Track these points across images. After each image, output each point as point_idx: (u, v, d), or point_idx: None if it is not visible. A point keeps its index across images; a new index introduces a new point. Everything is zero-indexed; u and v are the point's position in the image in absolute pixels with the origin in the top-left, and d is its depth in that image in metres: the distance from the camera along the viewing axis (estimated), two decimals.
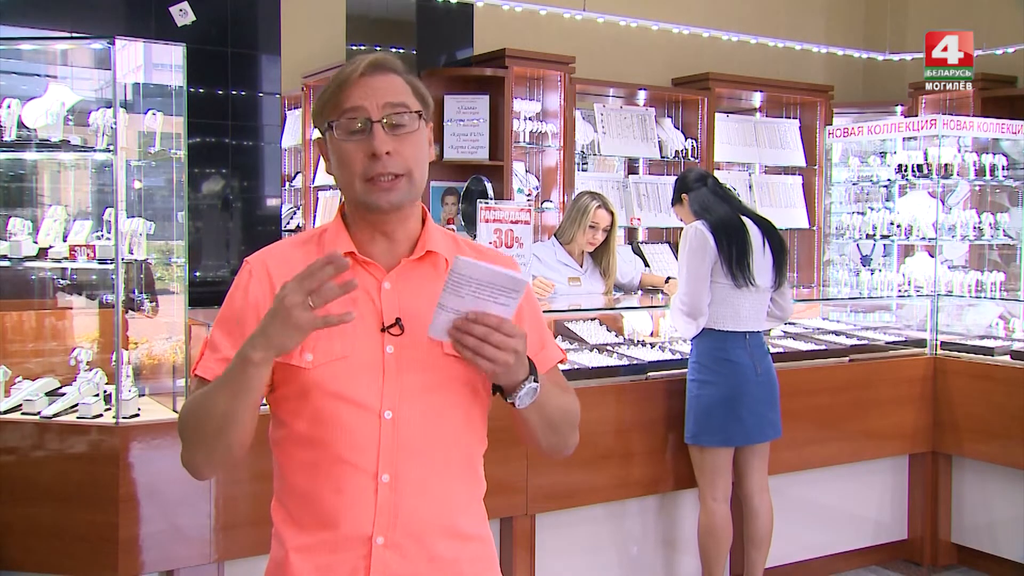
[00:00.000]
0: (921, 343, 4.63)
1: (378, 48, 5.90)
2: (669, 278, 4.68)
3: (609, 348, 4.09)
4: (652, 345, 4.21)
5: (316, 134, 1.66)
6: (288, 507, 1.59)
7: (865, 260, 5.87)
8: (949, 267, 5.32)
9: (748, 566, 3.75)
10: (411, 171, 1.56)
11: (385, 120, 1.55)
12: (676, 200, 3.82)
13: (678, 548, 3.92)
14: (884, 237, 5.41)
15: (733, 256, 3.54)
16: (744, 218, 3.65)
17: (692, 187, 3.74)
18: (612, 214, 4.43)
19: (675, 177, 3.99)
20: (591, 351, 4.05)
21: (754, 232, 3.62)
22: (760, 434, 3.64)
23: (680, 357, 3.96)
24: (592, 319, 4.47)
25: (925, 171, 5.27)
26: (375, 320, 1.56)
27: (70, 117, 3.32)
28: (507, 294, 1.45)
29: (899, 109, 7.28)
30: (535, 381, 1.53)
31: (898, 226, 5.32)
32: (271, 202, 5.39)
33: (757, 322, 3.65)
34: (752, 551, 3.73)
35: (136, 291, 3.39)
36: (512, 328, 1.46)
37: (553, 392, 1.64)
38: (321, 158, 1.67)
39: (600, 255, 4.52)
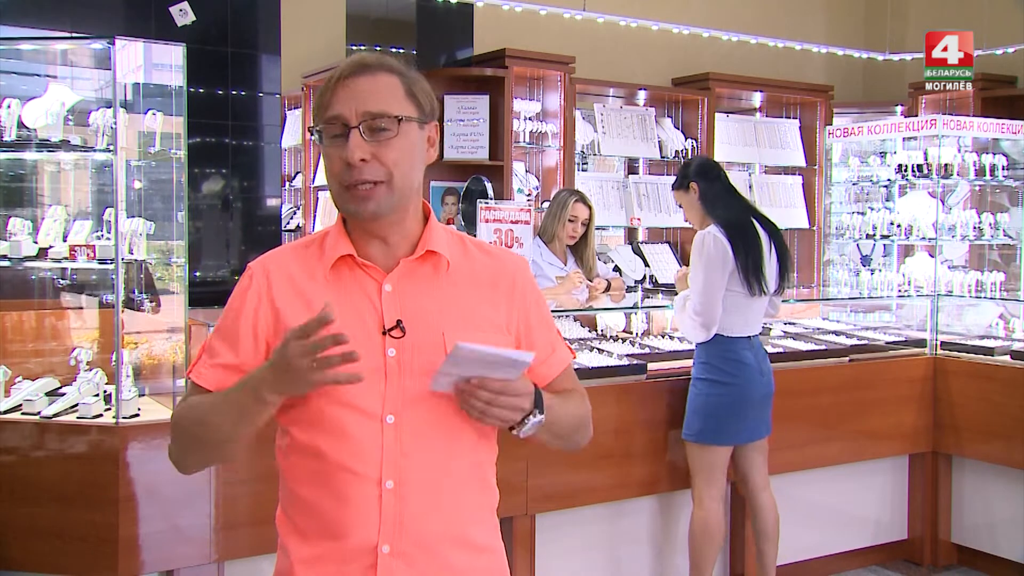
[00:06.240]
0: (921, 343, 4.63)
1: (378, 48, 5.90)
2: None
3: (594, 344, 4.12)
4: (623, 340, 4.26)
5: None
6: (293, 518, 1.57)
7: (865, 260, 5.86)
8: (949, 267, 5.32)
9: (761, 559, 3.75)
10: (391, 177, 1.51)
11: (363, 126, 1.49)
12: (682, 186, 3.68)
13: (678, 548, 3.91)
14: (884, 237, 5.41)
15: (750, 266, 3.51)
16: (753, 220, 3.61)
17: (703, 177, 3.63)
18: (590, 208, 4.55)
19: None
20: (590, 351, 4.05)
21: (762, 236, 3.60)
22: (757, 432, 3.65)
23: (651, 351, 4.01)
24: (577, 318, 4.53)
25: (925, 171, 5.27)
26: (376, 323, 1.53)
27: (70, 117, 3.32)
28: (510, 369, 1.46)
29: (899, 109, 7.28)
30: (540, 414, 1.52)
31: (898, 226, 5.32)
32: (271, 202, 5.39)
33: (760, 325, 3.68)
34: (765, 545, 3.74)
35: (136, 291, 3.39)
36: (517, 387, 1.47)
37: (562, 408, 1.62)
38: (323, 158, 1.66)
39: (579, 251, 4.63)
